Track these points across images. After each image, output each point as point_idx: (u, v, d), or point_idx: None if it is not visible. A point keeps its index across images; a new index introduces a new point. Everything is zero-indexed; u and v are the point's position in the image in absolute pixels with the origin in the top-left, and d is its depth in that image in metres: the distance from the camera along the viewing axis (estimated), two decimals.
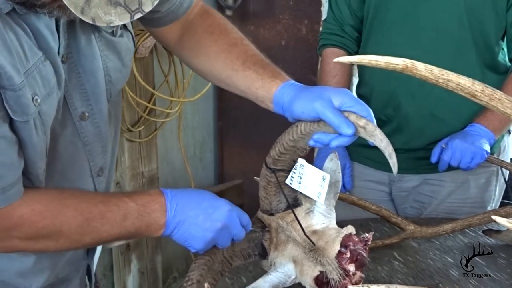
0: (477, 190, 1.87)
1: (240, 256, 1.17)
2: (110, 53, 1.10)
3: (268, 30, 2.93)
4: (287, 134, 1.14)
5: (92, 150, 1.11)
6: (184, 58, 1.32)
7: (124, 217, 1.04)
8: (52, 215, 0.99)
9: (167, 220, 1.06)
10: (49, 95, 0.96)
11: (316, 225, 1.17)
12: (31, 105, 0.92)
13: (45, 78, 0.95)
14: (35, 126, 0.94)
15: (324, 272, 1.09)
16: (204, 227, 1.07)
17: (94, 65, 1.07)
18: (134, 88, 2.46)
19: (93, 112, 1.09)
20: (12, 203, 0.95)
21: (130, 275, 2.65)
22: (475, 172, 1.80)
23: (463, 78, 0.79)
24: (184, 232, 1.08)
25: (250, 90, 1.20)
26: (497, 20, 1.74)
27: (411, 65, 0.80)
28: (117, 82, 1.14)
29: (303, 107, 1.11)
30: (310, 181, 1.15)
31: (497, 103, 0.79)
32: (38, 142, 0.96)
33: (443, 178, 1.84)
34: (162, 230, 1.07)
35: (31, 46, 0.93)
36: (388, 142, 1.08)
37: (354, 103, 1.09)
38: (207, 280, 1.07)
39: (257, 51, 1.24)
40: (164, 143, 2.82)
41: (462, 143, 1.66)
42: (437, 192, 1.86)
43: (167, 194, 1.08)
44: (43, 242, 1.01)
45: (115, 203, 1.05)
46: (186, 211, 1.07)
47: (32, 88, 0.92)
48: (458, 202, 1.86)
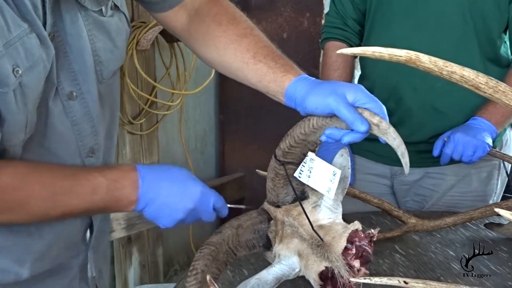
0: (479, 184, 1.87)
1: (245, 247, 1.17)
2: (99, 33, 1.09)
3: (269, 23, 2.92)
4: (298, 127, 1.13)
5: (80, 130, 1.10)
6: (193, 47, 1.31)
7: (93, 192, 1.04)
8: (18, 187, 0.99)
9: (138, 197, 1.07)
10: (32, 68, 0.95)
11: (322, 220, 1.16)
12: (11, 76, 0.91)
13: (29, 50, 0.94)
14: (15, 97, 0.93)
15: (330, 267, 1.08)
16: (175, 207, 1.09)
17: (81, 44, 1.06)
18: (136, 80, 2.45)
19: (81, 91, 1.08)
20: None
21: (131, 268, 2.65)
22: (477, 166, 1.80)
23: (467, 70, 0.78)
24: (155, 210, 1.09)
25: (261, 84, 1.19)
26: (500, 13, 1.73)
27: (415, 57, 0.79)
28: (108, 63, 1.13)
29: (317, 102, 1.10)
30: (320, 175, 1.15)
31: (501, 95, 0.78)
32: (18, 113, 0.95)
33: (445, 171, 1.84)
34: (134, 206, 1.08)
35: (14, 17, 0.91)
36: (401, 141, 1.08)
37: (368, 99, 1.09)
38: (212, 270, 1.07)
39: (267, 42, 1.23)
40: (165, 136, 2.82)
41: (464, 136, 1.65)
42: (438, 186, 1.86)
43: (140, 170, 1.08)
44: (11, 214, 1.01)
45: (84, 177, 1.05)
46: (158, 189, 1.08)
47: (13, 59, 0.91)
48: (460, 196, 1.86)
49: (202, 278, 1.02)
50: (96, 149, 1.15)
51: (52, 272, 1.16)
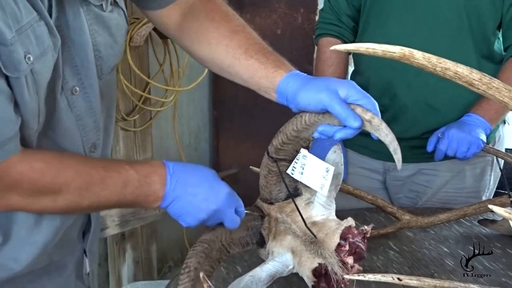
0: (472, 180, 1.87)
1: (238, 244, 1.17)
2: (99, 27, 1.10)
3: (263, 19, 2.91)
4: (290, 124, 1.13)
5: (84, 125, 1.11)
6: (185, 45, 1.31)
7: (124, 185, 1.05)
8: (52, 174, 1.00)
9: (165, 193, 1.07)
10: (43, 55, 0.96)
11: (315, 217, 1.16)
12: (23, 62, 0.92)
13: (39, 37, 0.95)
14: (27, 84, 0.94)
15: (323, 264, 1.08)
16: (200, 207, 1.08)
17: (83, 39, 1.06)
18: (129, 77, 2.44)
19: (84, 86, 1.08)
20: (10, 158, 0.95)
21: (125, 265, 2.65)
22: (470, 162, 1.80)
23: (460, 66, 0.78)
24: (180, 208, 1.09)
25: (252, 80, 1.19)
26: (495, 9, 1.73)
27: (409, 53, 0.79)
28: (107, 58, 1.13)
29: (309, 98, 1.10)
30: (313, 172, 1.15)
31: (495, 92, 0.78)
32: (30, 101, 0.96)
33: (439, 167, 1.84)
34: (160, 202, 1.08)
35: (26, 5, 0.93)
36: (394, 137, 1.08)
37: (360, 96, 1.09)
38: (205, 267, 1.07)
39: (259, 39, 1.23)
40: (159, 132, 2.81)
41: (458, 132, 1.66)
42: (432, 182, 1.86)
43: (169, 166, 1.09)
44: (43, 201, 1.01)
45: (116, 170, 1.05)
46: (185, 187, 1.08)
47: (24, 45, 0.92)
48: (454, 192, 1.86)
49: (195, 275, 1.02)
50: (97, 144, 1.15)
51: (47, 270, 1.16)
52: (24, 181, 0.98)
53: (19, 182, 0.97)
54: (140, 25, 2.33)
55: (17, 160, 0.96)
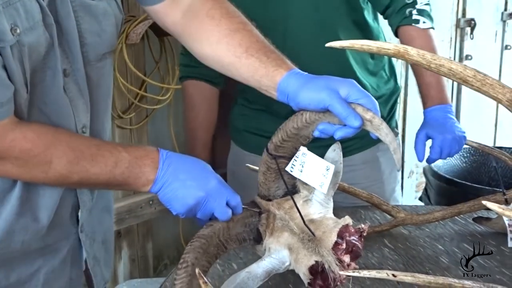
0: (386, 165, 1.86)
1: (235, 240, 1.17)
2: (85, 14, 1.12)
3: None
4: (291, 122, 1.14)
5: (77, 106, 1.14)
6: (185, 42, 1.31)
7: (115, 164, 1.07)
8: (44, 145, 1.03)
9: (156, 177, 1.10)
10: (32, 29, 0.99)
11: (313, 214, 1.16)
12: (8, 33, 0.95)
13: (29, 12, 0.99)
14: (13, 54, 0.97)
15: (320, 261, 1.08)
16: (188, 192, 1.10)
17: (70, 24, 1.09)
18: (125, 74, 2.44)
19: (72, 69, 1.12)
20: (5, 126, 0.99)
21: (121, 262, 2.65)
22: (381, 148, 1.81)
23: (454, 63, 0.79)
24: (169, 193, 1.10)
25: (253, 79, 1.20)
26: None
27: (403, 50, 0.80)
28: (94, 46, 1.15)
29: (310, 97, 1.11)
30: (313, 170, 1.15)
31: (489, 88, 0.79)
32: (16, 70, 0.98)
33: (354, 162, 1.81)
34: (150, 186, 1.11)
35: None
36: (394, 137, 1.09)
37: (361, 95, 1.10)
38: (202, 263, 1.08)
39: (260, 37, 1.23)
40: (155, 130, 2.81)
41: (444, 136, 1.63)
42: (352, 179, 1.72)
43: (162, 153, 1.12)
44: (34, 171, 1.04)
45: (108, 149, 1.08)
46: (176, 173, 1.10)
47: (11, 17, 0.96)
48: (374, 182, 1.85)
49: (193, 271, 1.03)
50: (86, 126, 1.17)
51: (42, 253, 1.17)
52: (16, 149, 1.01)
53: (12, 149, 1.01)
54: (136, 23, 2.33)
55: (10, 129, 1.00)
